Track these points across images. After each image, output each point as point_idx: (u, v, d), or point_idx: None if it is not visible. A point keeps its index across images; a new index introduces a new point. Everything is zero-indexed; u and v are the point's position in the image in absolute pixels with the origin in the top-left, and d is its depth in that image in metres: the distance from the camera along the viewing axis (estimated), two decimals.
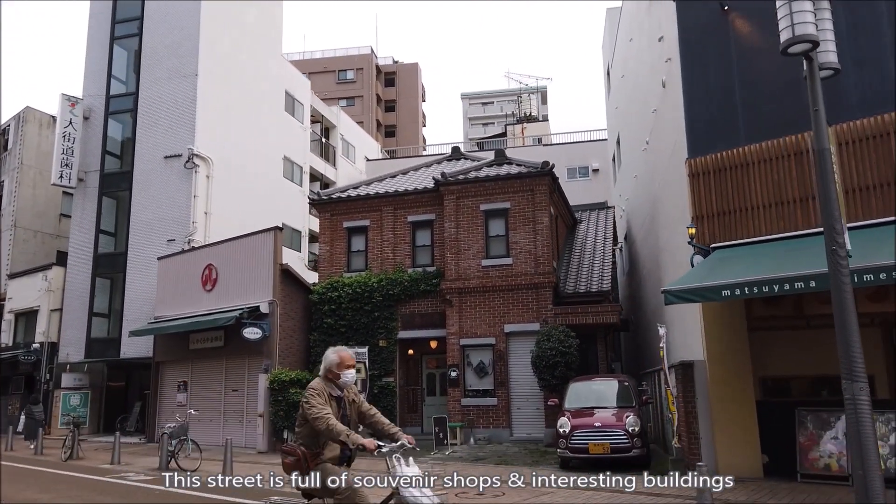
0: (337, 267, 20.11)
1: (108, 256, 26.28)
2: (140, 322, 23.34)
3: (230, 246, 20.10)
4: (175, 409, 20.79)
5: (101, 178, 26.88)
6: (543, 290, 17.36)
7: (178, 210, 24.77)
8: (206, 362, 20.27)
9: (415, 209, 19.61)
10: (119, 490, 11.60)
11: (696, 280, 9.46)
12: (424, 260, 19.32)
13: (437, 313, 18.64)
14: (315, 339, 19.33)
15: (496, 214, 18.37)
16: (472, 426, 17.05)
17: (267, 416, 17.61)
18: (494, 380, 17.44)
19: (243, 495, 10.44)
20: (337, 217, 20.39)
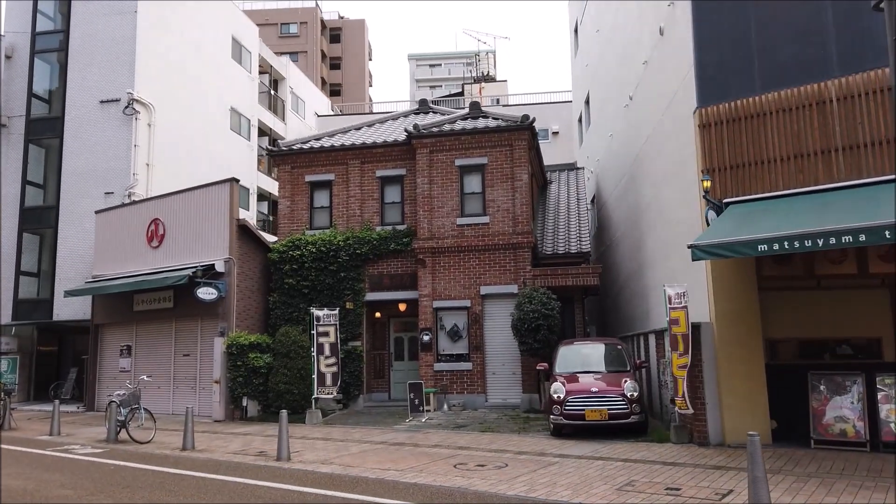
0: (298, 224, 18.72)
1: (36, 210, 23.92)
2: (75, 282, 21.37)
3: (180, 199, 18.38)
4: (117, 376, 19.20)
5: (26, 124, 24.31)
6: (522, 250, 16.57)
7: (117, 161, 22.67)
8: (152, 325, 18.66)
9: (384, 163, 18.37)
10: (67, 465, 10.25)
11: (722, 235, 8.78)
12: (394, 218, 18.18)
13: (407, 274, 17.62)
14: (275, 300, 18.03)
15: (472, 170, 17.37)
16: (446, 392, 16.28)
17: (224, 383, 16.31)
18: (469, 344, 16.65)
19: (212, 468, 9.31)
20: (298, 170, 18.92)
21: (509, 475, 8.59)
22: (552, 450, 10.38)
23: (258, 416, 16.29)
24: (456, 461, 9.71)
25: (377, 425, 14.19)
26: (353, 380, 17.09)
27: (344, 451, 10.99)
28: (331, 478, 8.83)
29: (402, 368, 18.51)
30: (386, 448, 11.20)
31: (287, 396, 15.81)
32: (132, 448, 12.17)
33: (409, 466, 9.41)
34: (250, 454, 11.05)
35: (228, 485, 8.53)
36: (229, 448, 11.82)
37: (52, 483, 8.77)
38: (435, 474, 8.80)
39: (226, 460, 10.52)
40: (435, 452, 10.54)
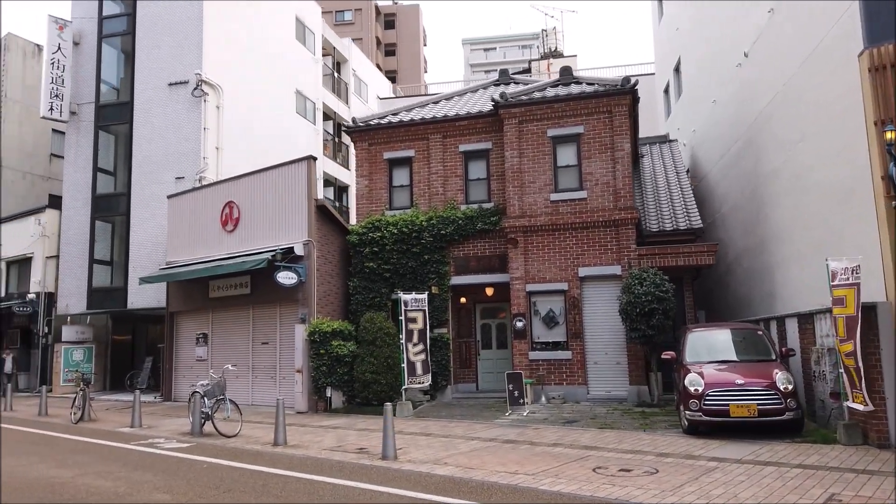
0: (377, 204, 17.64)
1: (107, 197, 23.64)
2: (147, 269, 20.91)
3: (255, 180, 17.52)
4: (193, 365, 18.60)
5: (96, 110, 24.03)
6: (625, 227, 15.03)
7: (187, 144, 22.09)
8: (229, 312, 17.93)
9: (468, 137, 17.06)
10: (156, 463, 9.38)
11: None
12: (480, 195, 16.88)
13: (495, 256, 16.32)
14: (355, 285, 17.01)
15: (566, 141, 15.88)
16: (543, 383, 14.94)
17: (306, 372, 15.39)
18: (567, 331, 15.25)
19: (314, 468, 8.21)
20: (376, 147, 17.81)
21: (669, 483, 7.20)
22: (699, 451, 8.93)
23: (343, 407, 15.31)
24: (591, 464, 8.37)
25: (475, 419, 12.97)
26: (439, 370, 15.93)
27: (453, 449, 9.79)
28: (453, 482, 7.63)
29: (490, 357, 17.25)
30: (499, 446, 9.95)
31: (374, 387, 14.76)
32: (219, 442, 11.29)
33: (538, 469, 8.13)
34: (349, 451, 9.98)
35: (340, 489, 7.43)
36: (324, 444, 10.79)
37: (144, 485, 7.85)
38: (576, 480, 7.49)
39: (325, 458, 9.46)
40: (560, 453, 9.23)
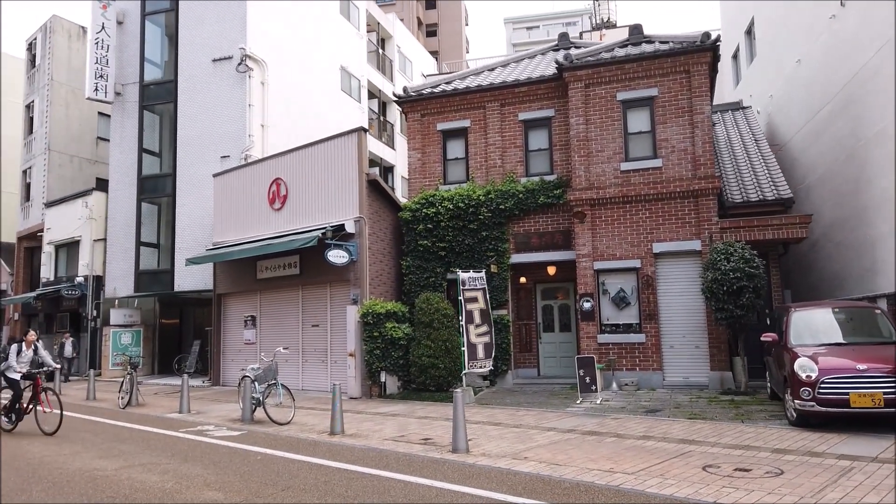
0: (431, 179, 16.61)
1: (153, 179, 23.19)
2: (194, 251, 20.35)
3: (302, 155, 16.67)
4: (242, 348, 17.98)
5: (140, 90, 23.55)
6: (705, 198, 13.67)
7: (232, 122, 21.40)
8: (278, 293, 17.20)
9: (528, 104, 15.86)
10: (206, 454, 8.59)
11: None
12: (541, 167, 15.70)
13: (559, 232, 15.15)
14: (408, 264, 16.06)
15: (638, 104, 14.55)
16: (614, 368, 13.77)
17: (359, 356, 14.54)
18: (640, 312, 14.02)
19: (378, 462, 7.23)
20: (429, 118, 16.76)
21: (805, 488, 6.03)
22: (820, 447, 7.69)
23: (398, 393, 14.42)
24: (697, 461, 7.22)
25: (544, 407, 11.91)
26: (499, 354, 14.87)
27: (530, 441, 8.76)
28: (542, 482, 6.59)
29: (552, 341, 16.14)
30: (582, 439, 8.87)
31: (431, 371, 13.82)
32: (272, 430, 10.49)
33: (637, 467, 7.03)
34: (414, 442, 9.03)
35: (413, 489, 6.46)
36: (384, 433, 9.88)
37: (194, 479, 7.02)
38: (688, 482, 6.37)
39: (389, 450, 8.53)
40: (655, 448, 8.09)
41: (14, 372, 10.72)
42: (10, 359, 10.77)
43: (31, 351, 11.06)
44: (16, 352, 10.85)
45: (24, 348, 10.98)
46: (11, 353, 10.82)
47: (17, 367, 10.73)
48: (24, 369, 10.78)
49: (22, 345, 11.02)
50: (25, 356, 10.96)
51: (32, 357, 11.05)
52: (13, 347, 10.93)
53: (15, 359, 10.76)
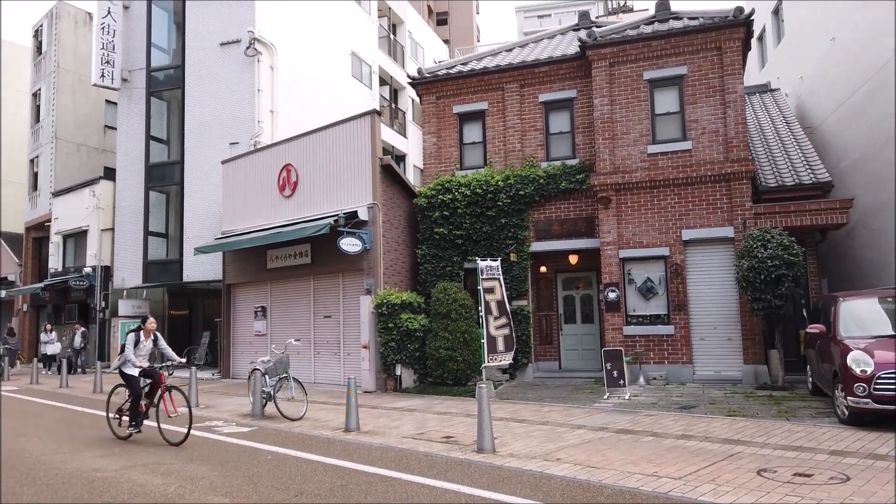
0: (447, 164, 15.97)
1: (161, 167, 22.66)
2: (203, 240, 19.81)
3: (313, 139, 16.05)
4: (252, 340, 17.46)
5: (147, 76, 23.00)
6: (738, 182, 12.94)
7: (241, 107, 20.81)
8: (288, 283, 16.64)
9: (549, 85, 15.16)
10: (213, 453, 8.03)
11: None
12: (563, 151, 15.01)
13: (581, 219, 14.48)
14: (424, 253, 15.45)
15: (666, 84, 13.82)
16: (641, 362, 13.10)
17: (373, 348, 13.96)
18: (668, 302, 13.34)
19: (398, 463, 6.60)
20: (444, 101, 16.09)
21: (881, 496, 5.37)
22: (883, 449, 7.02)
23: (415, 387, 13.84)
24: (749, 464, 6.58)
25: (569, 402, 11.28)
26: (519, 346, 14.23)
27: (559, 440, 8.14)
28: (581, 488, 5.97)
29: (574, 333, 15.49)
30: (616, 438, 8.23)
31: (449, 364, 13.22)
32: (283, 426, 9.93)
33: (684, 471, 6.40)
34: (435, 440, 8.44)
35: (438, 494, 5.86)
36: (402, 430, 9.29)
37: (199, 482, 6.46)
38: (744, 489, 5.73)
39: (408, 449, 7.94)
40: (698, 448, 7.45)
41: (132, 367, 8.90)
42: (126, 351, 8.90)
43: (151, 341, 9.19)
44: (133, 342, 8.94)
45: (142, 338, 9.07)
46: (128, 344, 8.93)
47: (136, 362, 8.87)
48: (143, 364, 8.93)
49: (140, 334, 9.07)
50: (144, 348, 9.10)
51: (151, 349, 9.27)
52: (130, 337, 9.00)
53: (132, 351, 8.89)
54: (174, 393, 8.80)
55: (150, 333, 9.17)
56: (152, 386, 9.00)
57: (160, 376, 8.94)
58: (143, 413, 8.96)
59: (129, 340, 8.98)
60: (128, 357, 8.88)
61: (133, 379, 8.90)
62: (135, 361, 8.84)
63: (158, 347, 9.33)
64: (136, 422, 8.86)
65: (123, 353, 8.98)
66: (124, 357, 8.95)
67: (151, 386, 9.01)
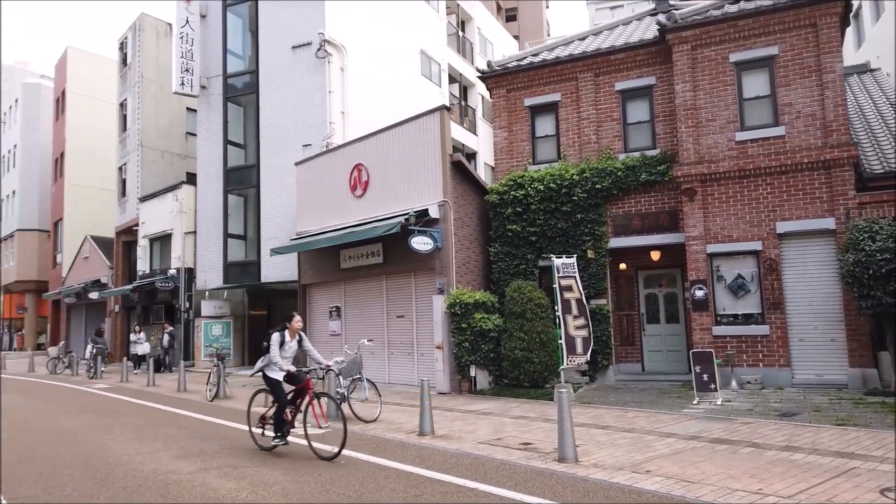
0: (519, 159, 15.51)
1: (238, 170, 23.22)
2: (279, 241, 20.12)
3: (383, 138, 15.94)
4: (328, 340, 17.51)
5: (224, 82, 23.61)
6: (839, 169, 11.87)
7: (313, 109, 21.00)
8: (361, 283, 16.60)
9: (625, 73, 14.45)
10: (288, 455, 7.91)
11: None
12: (642, 141, 14.27)
13: (663, 212, 13.70)
14: (497, 251, 15.04)
15: (755, 66, 12.86)
16: (732, 364, 12.24)
17: (447, 349, 13.67)
18: (762, 300, 12.40)
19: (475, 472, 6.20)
20: (515, 93, 15.64)
21: None
22: None
23: (490, 388, 13.45)
24: (869, 482, 5.84)
25: (655, 407, 10.61)
26: (599, 347, 13.62)
27: (648, 450, 7.56)
28: None
29: (657, 333, 14.71)
30: (711, 448, 7.58)
31: (526, 366, 12.75)
32: (357, 428, 9.75)
33: (794, 489, 5.74)
34: (513, 447, 8.02)
35: None
36: (478, 435, 8.92)
37: (271, 488, 6.31)
38: None
39: (485, 456, 7.56)
40: (804, 462, 6.72)
41: (277, 370, 7.98)
42: (270, 352, 7.96)
43: (296, 342, 8.24)
44: (278, 342, 7.99)
45: (287, 338, 8.10)
46: (272, 344, 7.98)
47: (283, 364, 7.90)
48: (288, 367, 7.95)
49: (285, 333, 8.10)
50: (289, 349, 8.14)
51: (296, 350, 8.31)
52: (274, 337, 8.04)
53: (278, 351, 7.96)
54: (323, 401, 7.78)
55: (295, 333, 8.19)
56: (297, 392, 8.10)
57: (307, 381, 8.02)
58: (288, 423, 8.03)
59: (273, 340, 8.01)
60: (273, 359, 7.94)
61: (278, 384, 7.99)
62: (281, 364, 7.87)
63: (303, 348, 8.35)
64: (282, 433, 7.93)
65: (267, 355, 8.09)
66: (268, 359, 8.05)
67: (296, 392, 8.10)
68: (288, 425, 8.01)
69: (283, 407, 7.97)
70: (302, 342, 8.29)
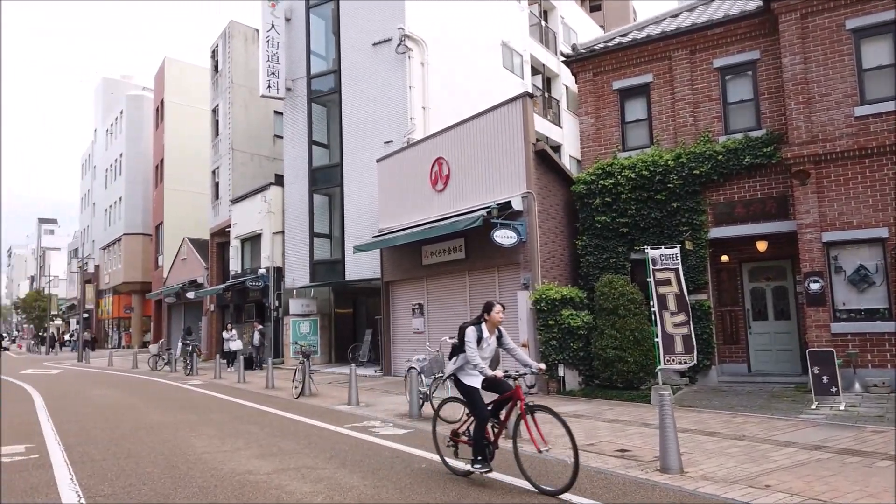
0: (607, 146, 14.65)
1: (323, 170, 23.46)
2: (362, 238, 20.10)
3: (464, 130, 15.49)
4: (411, 337, 17.27)
5: (308, 83, 23.92)
6: None
7: (393, 105, 20.86)
8: (443, 279, 16.23)
9: (725, 48, 13.32)
10: (367, 457, 7.57)
11: None
12: (745, 121, 13.10)
13: (770, 198, 12.49)
14: (584, 244, 14.26)
15: (874, 31, 11.47)
16: (855, 365, 10.95)
17: (533, 347, 13.05)
18: (889, 294, 11.04)
19: None
20: (602, 77, 14.78)
21: None
22: None
23: (580, 389, 12.72)
24: None
25: (766, 412, 9.59)
26: (700, 346, 12.58)
27: (763, 461, 6.69)
28: None
29: (765, 331, 13.48)
30: (838, 460, 6.61)
31: (618, 366, 11.95)
32: (440, 429, 9.30)
33: None
34: (608, 454, 7.34)
35: None
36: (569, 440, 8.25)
37: (348, 492, 5.95)
38: None
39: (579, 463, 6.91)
40: None
41: (473, 375, 6.20)
42: (467, 351, 6.15)
43: (495, 338, 6.39)
44: (475, 338, 6.15)
45: (485, 333, 6.26)
46: (468, 340, 6.13)
47: (484, 367, 6.02)
48: (489, 370, 6.07)
49: (482, 328, 6.25)
50: (488, 347, 6.32)
51: (496, 349, 6.50)
52: (469, 332, 6.16)
53: (476, 350, 6.12)
54: (540, 415, 5.88)
55: (495, 327, 6.35)
56: (499, 402, 6.26)
57: (516, 389, 6.08)
58: (491, 443, 6.17)
59: (468, 336, 6.15)
60: (472, 359, 6.06)
61: (476, 392, 6.21)
62: (481, 366, 6.01)
63: (504, 346, 6.47)
64: (483, 456, 6.04)
65: (460, 355, 6.32)
66: (462, 360, 6.28)
67: (499, 403, 6.26)
68: (491, 446, 6.15)
69: (483, 422, 6.11)
70: (502, 338, 6.44)
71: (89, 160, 58.79)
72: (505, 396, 6.22)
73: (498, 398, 6.26)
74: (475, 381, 6.24)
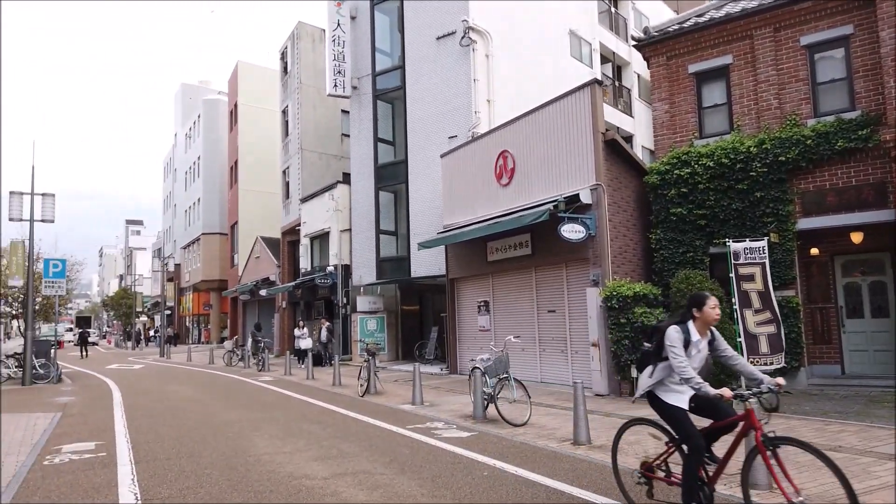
0: (683, 133, 13.83)
1: (388, 167, 23.42)
2: (427, 235, 19.90)
3: (529, 122, 14.99)
4: (477, 335, 16.92)
5: (373, 81, 23.93)
6: None
7: (458, 99, 20.54)
8: (509, 276, 15.79)
9: (813, 24, 12.28)
10: (426, 461, 7.27)
11: None
12: (836, 103, 12.04)
13: (867, 185, 11.41)
14: (659, 237, 13.52)
15: None
16: None
17: (604, 346, 12.44)
18: None
19: None
20: (677, 60, 13.96)
21: None
22: None
23: None
24: None
25: (865, 419, 8.70)
26: (788, 346, 11.64)
27: (865, 476, 5.99)
28: None
29: (861, 330, 12.37)
30: None
31: None
32: (505, 433, 8.94)
33: None
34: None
35: None
36: (642, 447, 7.69)
37: (404, 500, 5.65)
38: None
39: None
40: None
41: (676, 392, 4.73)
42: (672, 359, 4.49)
43: (706, 342, 4.70)
44: (680, 342, 4.52)
45: (693, 335, 4.62)
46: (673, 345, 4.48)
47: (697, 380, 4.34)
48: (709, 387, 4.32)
49: (689, 327, 4.63)
50: (698, 353, 4.66)
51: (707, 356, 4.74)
52: (673, 334, 4.55)
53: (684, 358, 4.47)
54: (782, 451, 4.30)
55: (706, 327, 4.70)
56: (713, 431, 4.71)
57: (749, 414, 4.42)
58: (707, 485, 4.59)
59: (672, 338, 4.54)
60: (679, 370, 4.44)
61: (684, 414, 4.68)
62: (696, 380, 4.36)
63: (720, 353, 4.77)
64: (696, 501, 4.48)
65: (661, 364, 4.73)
66: (665, 371, 4.73)
67: (715, 431, 4.70)
68: (708, 488, 4.57)
69: (699, 454, 4.54)
70: (715, 342, 4.77)
71: (170, 163, 61.48)
72: (726, 423, 4.60)
73: (712, 425, 4.68)
74: (681, 400, 4.70)
